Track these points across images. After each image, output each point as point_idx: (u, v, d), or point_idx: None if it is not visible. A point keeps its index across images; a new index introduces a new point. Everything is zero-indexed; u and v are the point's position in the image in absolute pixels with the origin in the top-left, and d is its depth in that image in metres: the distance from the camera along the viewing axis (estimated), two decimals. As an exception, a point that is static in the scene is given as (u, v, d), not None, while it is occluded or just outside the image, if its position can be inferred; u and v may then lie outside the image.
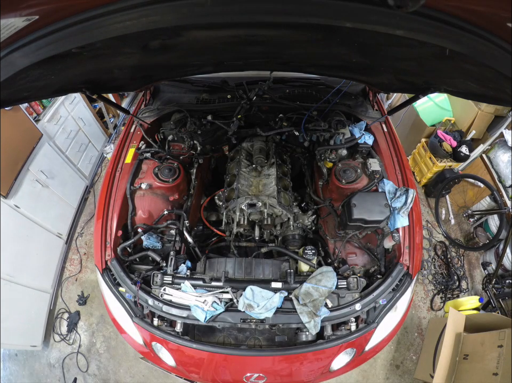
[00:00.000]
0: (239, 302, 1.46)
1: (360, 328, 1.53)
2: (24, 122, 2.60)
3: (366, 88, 2.42)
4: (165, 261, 1.64)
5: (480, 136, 3.35)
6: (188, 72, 1.82)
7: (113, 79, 1.58)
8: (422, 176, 3.68)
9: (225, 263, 1.67)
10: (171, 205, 1.95)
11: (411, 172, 1.92)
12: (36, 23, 0.65)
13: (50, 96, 2.48)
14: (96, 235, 1.68)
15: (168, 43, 1.07)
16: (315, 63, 1.62)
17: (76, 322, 2.89)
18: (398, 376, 2.71)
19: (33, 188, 2.70)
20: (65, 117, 3.19)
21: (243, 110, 2.06)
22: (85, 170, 3.60)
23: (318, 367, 1.60)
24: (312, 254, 1.65)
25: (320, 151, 2.03)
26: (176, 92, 2.42)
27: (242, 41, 1.14)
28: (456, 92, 1.43)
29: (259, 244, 1.99)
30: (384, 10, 0.64)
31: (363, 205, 1.64)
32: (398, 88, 1.94)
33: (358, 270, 1.75)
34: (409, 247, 1.64)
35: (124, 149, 2.00)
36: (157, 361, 1.70)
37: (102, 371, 2.71)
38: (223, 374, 1.63)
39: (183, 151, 2.13)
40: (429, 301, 3.06)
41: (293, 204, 2.00)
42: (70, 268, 3.21)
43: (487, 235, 3.29)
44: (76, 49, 0.81)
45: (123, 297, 1.56)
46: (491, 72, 0.89)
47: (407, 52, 1.07)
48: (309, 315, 1.45)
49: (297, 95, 2.27)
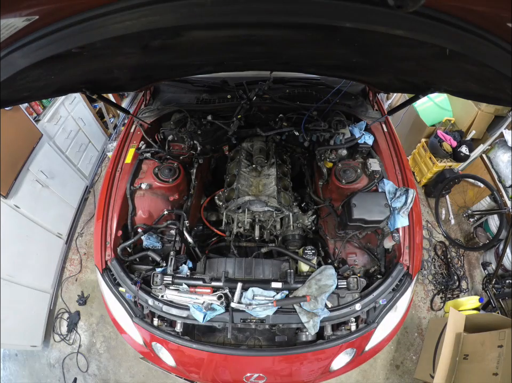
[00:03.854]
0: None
1: (360, 328, 1.53)
2: (24, 122, 2.59)
3: (366, 88, 2.42)
4: (165, 262, 1.64)
5: (480, 136, 3.35)
6: (188, 72, 1.82)
7: (113, 79, 1.58)
8: (422, 176, 3.68)
9: (225, 263, 1.67)
10: (171, 205, 1.95)
11: (411, 172, 1.92)
12: (36, 23, 0.65)
13: (50, 96, 2.48)
14: (96, 235, 1.68)
15: (168, 43, 1.07)
16: (315, 63, 1.62)
17: (76, 322, 2.89)
18: (398, 376, 2.71)
19: (33, 188, 2.70)
20: (65, 117, 3.19)
21: (243, 110, 2.06)
22: (85, 170, 3.60)
23: (318, 367, 1.61)
24: (312, 254, 1.64)
25: (320, 151, 2.03)
26: (176, 92, 2.42)
27: (242, 41, 1.13)
28: (456, 92, 1.43)
29: (260, 244, 1.99)
30: (384, 10, 0.64)
31: (363, 205, 1.64)
32: (398, 88, 1.94)
33: (358, 270, 1.75)
34: (409, 247, 1.63)
35: (124, 149, 2.00)
36: (157, 361, 1.70)
37: (102, 371, 2.71)
38: (223, 374, 1.63)
39: (183, 151, 2.12)
40: (429, 301, 3.06)
41: (293, 203, 2.00)
42: (70, 268, 3.21)
43: (487, 235, 3.28)
44: (76, 49, 0.81)
45: (123, 297, 1.56)
46: (491, 72, 0.89)
47: (407, 52, 1.07)
48: (308, 315, 1.45)
49: (297, 95, 2.27)
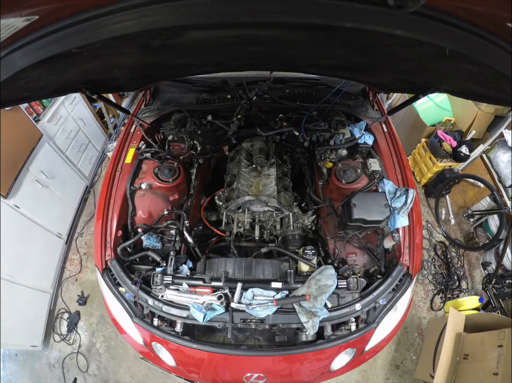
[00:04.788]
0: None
1: (360, 328, 1.53)
2: (24, 122, 2.59)
3: (366, 88, 2.42)
4: (165, 261, 1.64)
5: (480, 136, 3.35)
6: (188, 72, 1.82)
7: (113, 79, 1.58)
8: (422, 176, 3.68)
9: (225, 263, 1.67)
10: (171, 205, 1.95)
11: (411, 172, 1.92)
12: (36, 23, 0.65)
13: (50, 96, 2.48)
14: (96, 235, 1.68)
15: (168, 43, 1.07)
16: (315, 63, 1.62)
17: (76, 322, 2.89)
18: (398, 376, 2.71)
19: (33, 188, 2.70)
20: (65, 117, 3.19)
21: (243, 110, 2.05)
22: (85, 170, 3.60)
23: (318, 367, 1.61)
24: (312, 254, 1.64)
25: (320, 151, 2.03)
26: (176, 92, 2.42)
27: (242, 41, 1.13)
28: (456, 92, 1.43)
29: (260, 244, 1.99)
30: (384, 10, 0.64)
31: (363, 205, 1.64)
32: (398, 88, 1.94)
33: (358, 270, 1.75)
34: (409, 247, 1.63)
35: (124, 149, 2.00)
36: (157, 361, 1.70)
37: (102, 371, 2.71)
38: (223, 374, 1.62)
39: (183, 151, 2.12)
40: (429, 301, 3.06)
41: (293, 203, 2.00)
42: (70, 268, 3.21)
43: (487, 235, 3.28)
44: (76, 49, 0.81)
45: (123, 297, 1.56)
46: (491, 72, 0.89)
47: (407, 52, 1.07)
48: (308, 315, 1.45)
49: (297, 95, 2.27)
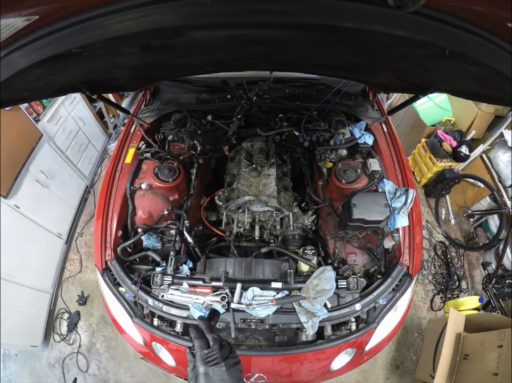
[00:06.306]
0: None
1: (360, 328, 1.53)
2: (24, 122, 2.60)
3: (366, 88, 2.42)
4: (165, 261, 1.63)
5: (480, 136, 3.35)
6: (188, 72, 1.82)
7: (113, 79, 1.58)
8: (422, 176, 3.68)
9: (225, 263, 1.67)
10: (171, 205, 1.95)
11: (411, 172, 1.92)
12: (36, 23, 0.65)
13: (50, 96, 2.48)
14: (96, 235, 1.68)
15: (168, 43, 1.07)
16: (315, 63, 1.62)
17: (76, 322, 2.89)
18: (398, 376, 2.71)
19: (33, 188, 2.70)
20: (65, 117, 3.19)
21: (243, 110, 2.05)
22: (85, 170, 3.60)
23: (317, 367, 1.61)
24: (312, 254, 1.64)
25: (320, 151, 2.03)
26: (176, 92, 2.42)
27: (242, 41, 1.13)
28: (456, 92, 1.42)
29: (260, 244, 1.99)
30: (384, 10, 0.64)
31: (363, 205, 1.63)
32: (398, 88, 1.93)
33: (358, 270, 1.75)
34: (409, 247, 1.63)
35: (124, 149, 2.00)
36: (157, 361, 1.70)
37: (102, 371, 2.71)
38: (223, 374, 1.62)
39: (183, 151, 2.12)
40: (429, 301, 3.06)
41: (293, 204, 2.00)
42: (70, 268, 3.21)
43: (487, 235, 3.29)
44: (76, 49, 0.81)
45: (123, 297, 1.56)
46: (491, 72, 0.89)
47: (408, 52, 1.07)
48: (307, 315, 1.45)
49: (297, 95, 2.27)
